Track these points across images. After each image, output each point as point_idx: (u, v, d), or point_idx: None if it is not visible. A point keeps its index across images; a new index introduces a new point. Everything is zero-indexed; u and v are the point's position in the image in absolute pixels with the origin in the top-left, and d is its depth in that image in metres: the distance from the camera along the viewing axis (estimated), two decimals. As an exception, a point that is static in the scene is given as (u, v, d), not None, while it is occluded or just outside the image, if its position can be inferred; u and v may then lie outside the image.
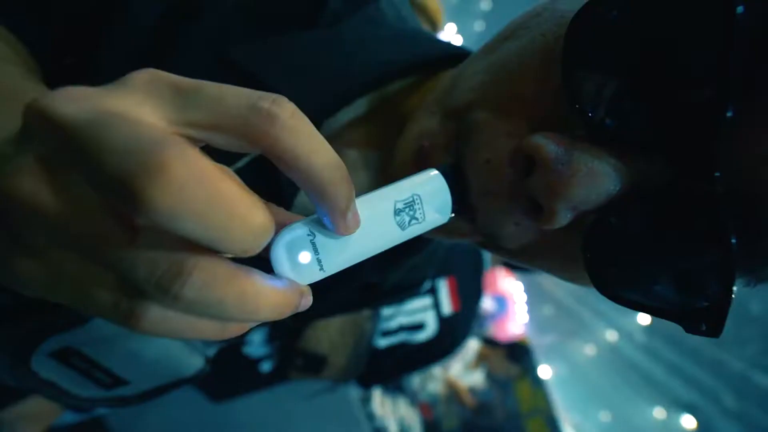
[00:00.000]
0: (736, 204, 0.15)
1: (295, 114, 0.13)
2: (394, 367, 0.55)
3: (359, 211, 0.16)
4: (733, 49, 0.13)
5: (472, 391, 2.49)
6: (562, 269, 0.22)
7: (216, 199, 0.11)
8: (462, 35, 5.35)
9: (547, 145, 0.16)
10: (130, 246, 0.12)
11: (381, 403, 1.80)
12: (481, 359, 2.34)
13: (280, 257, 0.15)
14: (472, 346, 2.36)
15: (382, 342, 0.58)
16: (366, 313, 0.48)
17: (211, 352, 0.39)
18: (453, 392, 2.41)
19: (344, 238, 0.16)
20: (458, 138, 0.21)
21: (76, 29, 0.24)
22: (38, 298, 0.28)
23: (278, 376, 0.53)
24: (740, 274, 0.17)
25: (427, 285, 0.50)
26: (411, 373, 0.54)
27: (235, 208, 0.12)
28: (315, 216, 0.16)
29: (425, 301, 0.53)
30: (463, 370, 2.37)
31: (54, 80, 0.23)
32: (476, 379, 2.43)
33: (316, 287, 0.39)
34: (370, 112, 0.29)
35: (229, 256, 0.14)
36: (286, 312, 0.15)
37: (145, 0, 0.23)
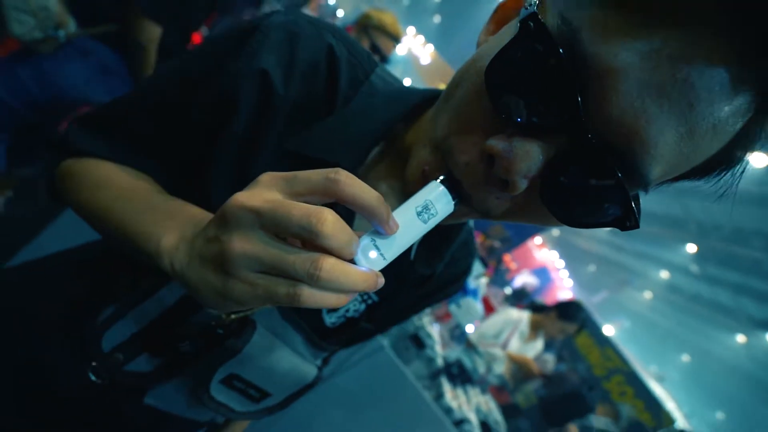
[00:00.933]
0: (611, 150, 0.25)
1: (349, 175, 0.25)
2: (414, 303, 0.58)
3: (396, 219, 0.27)
4: (566, 68, 0.24)
5: (539, 363, 2.44)
6: (536, 218, 0.33)
7: (344, 229, 0.24)
8: (423, 33, 5.49)
9: (497, 144, 0.27)
10: (295, 258, 0.24)
11: (453, 396, 1.78)
12: (535, 327, 2.29)
13: (359, 257, 0.26)
14: (524, 318, 2.33)
15: None
16: None
17: (319, 361, 0.50)
18: (518, 368, 2.37)
19: (392, 236, 0.27)
20: (444, 157, 0.31)
21: (190, 162, 0.41)
22: (209, 343, 0.37)
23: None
24: (633, 186, 0.27)
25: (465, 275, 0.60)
26: (430, 306, 0.61)
27: (349, 233, 0.25)
28: (372, 230, 0.27)
29: None
30: (522, 344, 2.32)
31: (180, 194, 0.38)
32: (537, 347, 2.37)
33: (389, 291, 0.46)
34: (384, 152, 0.42)
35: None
36: (371, 285, 0.26)
37: (233, 137, 0.39)
